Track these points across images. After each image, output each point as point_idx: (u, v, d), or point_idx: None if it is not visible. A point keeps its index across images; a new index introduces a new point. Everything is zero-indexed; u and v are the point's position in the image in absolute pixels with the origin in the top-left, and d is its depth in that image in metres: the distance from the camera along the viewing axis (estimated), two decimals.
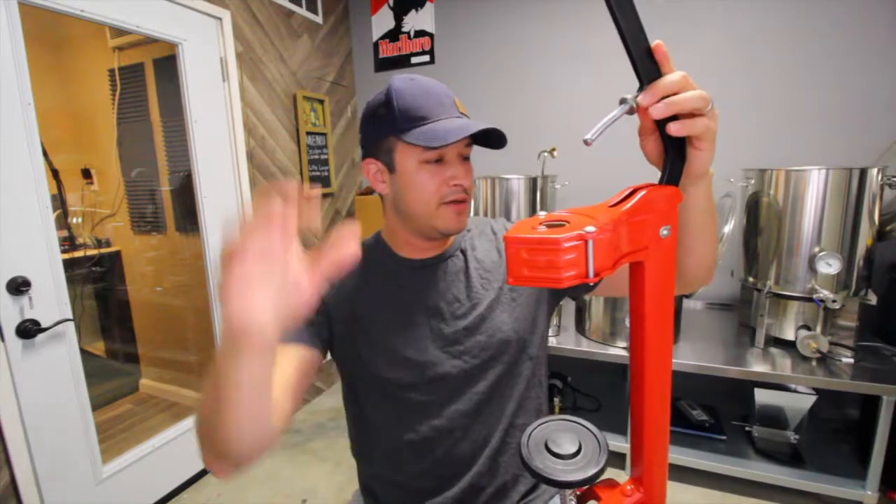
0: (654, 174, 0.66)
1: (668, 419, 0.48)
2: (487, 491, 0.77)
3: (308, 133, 2.49)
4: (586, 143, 0.41)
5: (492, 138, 0.69)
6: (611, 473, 1.99)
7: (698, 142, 0.46)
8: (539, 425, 0.48)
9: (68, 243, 2.30)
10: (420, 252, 0.78)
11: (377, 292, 0.77)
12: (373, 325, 0.75)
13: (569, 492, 0.46)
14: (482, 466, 0.75)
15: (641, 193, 0.40)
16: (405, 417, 0.75)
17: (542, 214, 0.39)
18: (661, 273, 0.42)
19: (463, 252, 0.80)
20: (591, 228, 0.34)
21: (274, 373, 0.46)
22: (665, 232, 0.41)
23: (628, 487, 0.48)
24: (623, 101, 0.42)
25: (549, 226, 0.37)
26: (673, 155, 0.46)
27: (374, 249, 0.80)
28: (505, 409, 0.77)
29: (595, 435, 0.45)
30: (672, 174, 0.46)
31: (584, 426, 0.47)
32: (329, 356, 0.78)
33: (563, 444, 0.43)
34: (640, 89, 0.42)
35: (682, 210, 0.57)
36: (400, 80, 0.70)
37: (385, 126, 0.69)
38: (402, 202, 0.72)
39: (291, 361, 0.66)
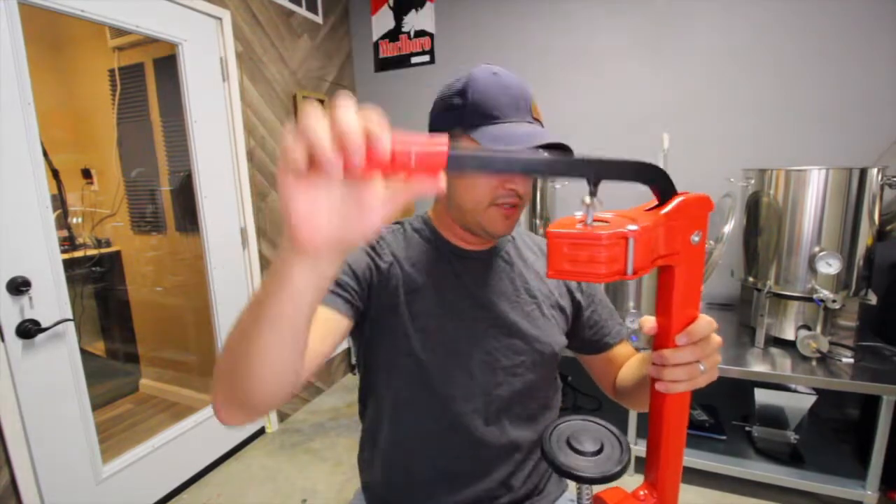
0: None
1: (686, 425, 0.48)
2: (501, 501, 0.76)
3: None
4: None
5: (556, 149, 0.67)
6: None
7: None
8: (561, 423, 0.49)
9: (68, 243, 2.30)
10: (467, 244, 0.77)
11: (424, 272, 0.74)
12: (416, 305, 0.72)
13: (585, 489, 0.46)
14: (502, 475, 0.75)
15: (679, 199, 0.41)
16: (429, 402, 0.73)
17: (578, 214, 0.40)
18: (690, 278, 0.43)
19: (509, 255, 0.80)
20: (632, 227, 0.36)
21: (314, 318, 0.44)
22: (696, 238, 0.42)
23: (641, 493, 0.48)
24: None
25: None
26: None
27: (422, 231, 0.79)
28: (533, 419, 0.78)
29: (617, 436, 0.47)
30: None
31: (606, 427, 0.48)
32: (353, 335, 0.76)
33: (586, 442, 0.45)
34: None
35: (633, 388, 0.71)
36: (481, 71, 0.69)
37: (455, 117, 0.68)
38: (454, 195, 0.71)
39: (318, 321, 0.61)
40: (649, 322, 0.47)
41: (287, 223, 0.34)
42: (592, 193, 0.38)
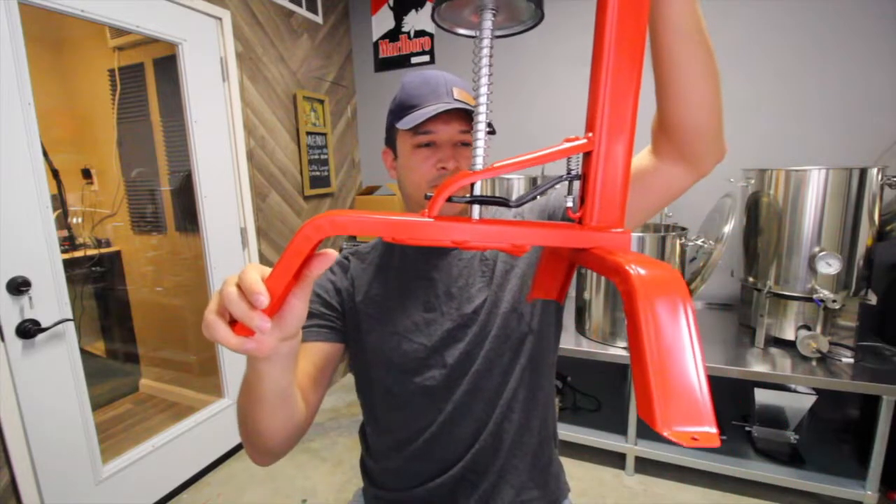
0: None
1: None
2: (489, 473, 0.75)
3: (308, 133, 2.49)
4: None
5: (463, 113, 0.70)
6: (610, 473, 1.97)
7: None
8: None
9: (68, 243, 2.30)
10: None
11: (391, 278, 0.79)
12: (384, 311, 0.76)
13: (489, 14, 0.37)
14: (484, 443, 0.75)
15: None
16: (411, 404, 0.75)
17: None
18: None
19: None
20: None
21: (295, 375, 0.56)
22: None
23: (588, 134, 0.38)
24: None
25: None
26: None
27: None
28: (506, 383, 0.75)
29: None
30: None
31: None
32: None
33: None
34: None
35: (661, 27, 0.49)
36: (411, 74, 0.76)
37: (391, 116, 0.76)
38: (402, 185, 0.78)
39: (309, 357, 0.72)
40: None
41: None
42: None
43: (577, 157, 0.38)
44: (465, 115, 0.71)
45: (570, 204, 0.39)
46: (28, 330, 1.33)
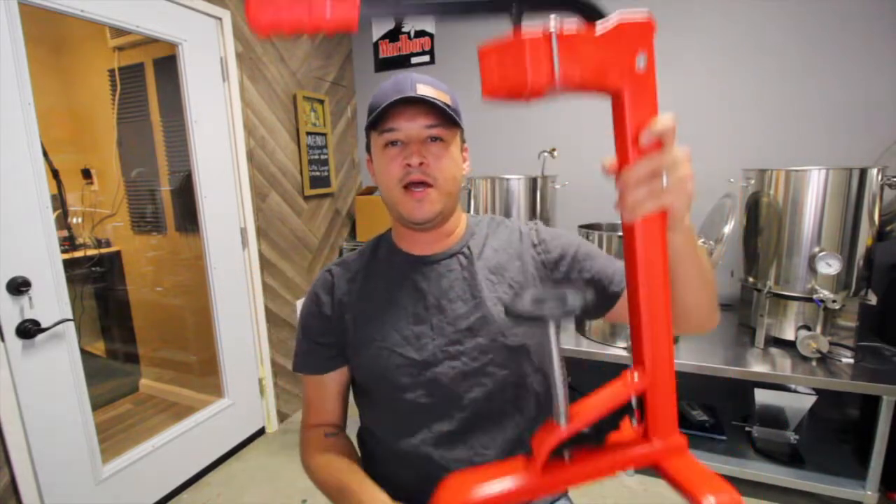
0: None
1: (667, 277, 0.44)
2: None
3: (308, 133, 2.49)
4: None
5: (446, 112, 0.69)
6: None
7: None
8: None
9: (68, 243, 2.30)
10: (422, 248, 0.78)
11: (381, 289, 0.78)
12: (374, 323, 0.76)
13: (552, 328, 0.44)
14: (483, 459, 0.72)
15: (613, 20, 0.41)
16: (403, 420, 0.74)
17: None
18: (642, 107, 0.43)
19: (469, 250, 0.79)
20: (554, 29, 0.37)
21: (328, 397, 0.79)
22: (641, 62, 0.42)
23: (634, 374, 0.45)
24: None
25: None
26: None
27: (381, 246, 0.83)
28: (508, 420, 0.74)
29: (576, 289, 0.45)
30: None
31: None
32: None
33: (544, 297, 0.45)
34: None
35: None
36: (387, 80, 0.74)
37: (367, 122, 0.75)
38: (379, 189, 0.76)
39: (334, 387, 0.81)
40: (609, 159, 0.44)
41: None
42: (516, 24, 0.40)
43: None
44: (432, 110, 0.68)
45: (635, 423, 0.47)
46: (28, 330, 1.33)
